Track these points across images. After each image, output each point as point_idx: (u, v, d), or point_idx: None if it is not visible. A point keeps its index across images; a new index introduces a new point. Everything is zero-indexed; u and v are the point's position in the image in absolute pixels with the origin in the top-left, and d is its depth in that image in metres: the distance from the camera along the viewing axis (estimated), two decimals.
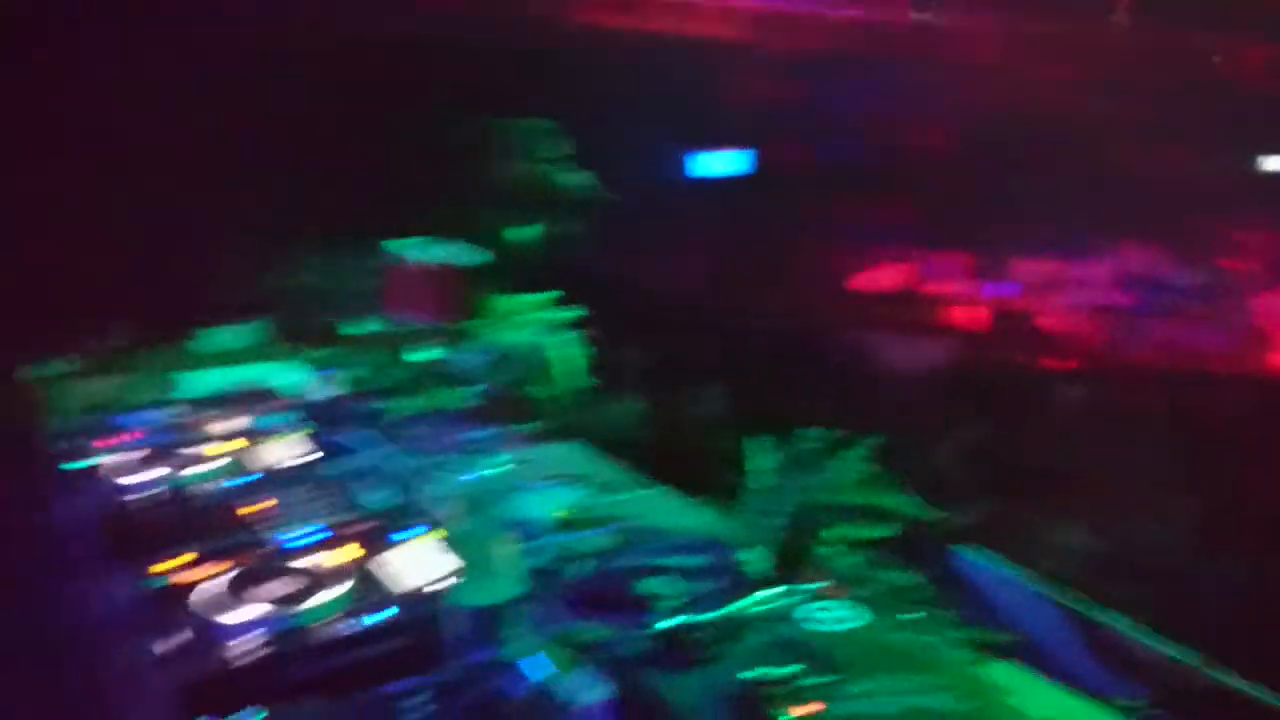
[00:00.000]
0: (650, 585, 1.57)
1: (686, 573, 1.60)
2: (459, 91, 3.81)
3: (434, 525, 1.63)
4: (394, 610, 1.41)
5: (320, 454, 2.06)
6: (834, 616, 1.38)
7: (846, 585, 1.46)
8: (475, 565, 1.35)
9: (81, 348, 3.06)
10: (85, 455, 2.03)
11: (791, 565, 1.51)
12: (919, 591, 1.50)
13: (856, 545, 1.55)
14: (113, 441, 2.11)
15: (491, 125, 3.72)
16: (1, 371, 2.91)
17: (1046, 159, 4.86)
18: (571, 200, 3.59)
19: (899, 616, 1.42)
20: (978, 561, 1.77)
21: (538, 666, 1.27)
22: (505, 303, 2.64)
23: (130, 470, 1.92)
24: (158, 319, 3.33)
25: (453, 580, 1.39)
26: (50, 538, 1.85)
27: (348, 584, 1.46)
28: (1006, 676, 1.46)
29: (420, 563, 1.54)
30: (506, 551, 1.37)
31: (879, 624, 1.38)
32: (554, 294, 2.86)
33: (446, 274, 2.46)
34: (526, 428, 2.52)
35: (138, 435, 2.16)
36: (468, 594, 1.36)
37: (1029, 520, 2.61)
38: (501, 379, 2.52)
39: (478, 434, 2.49)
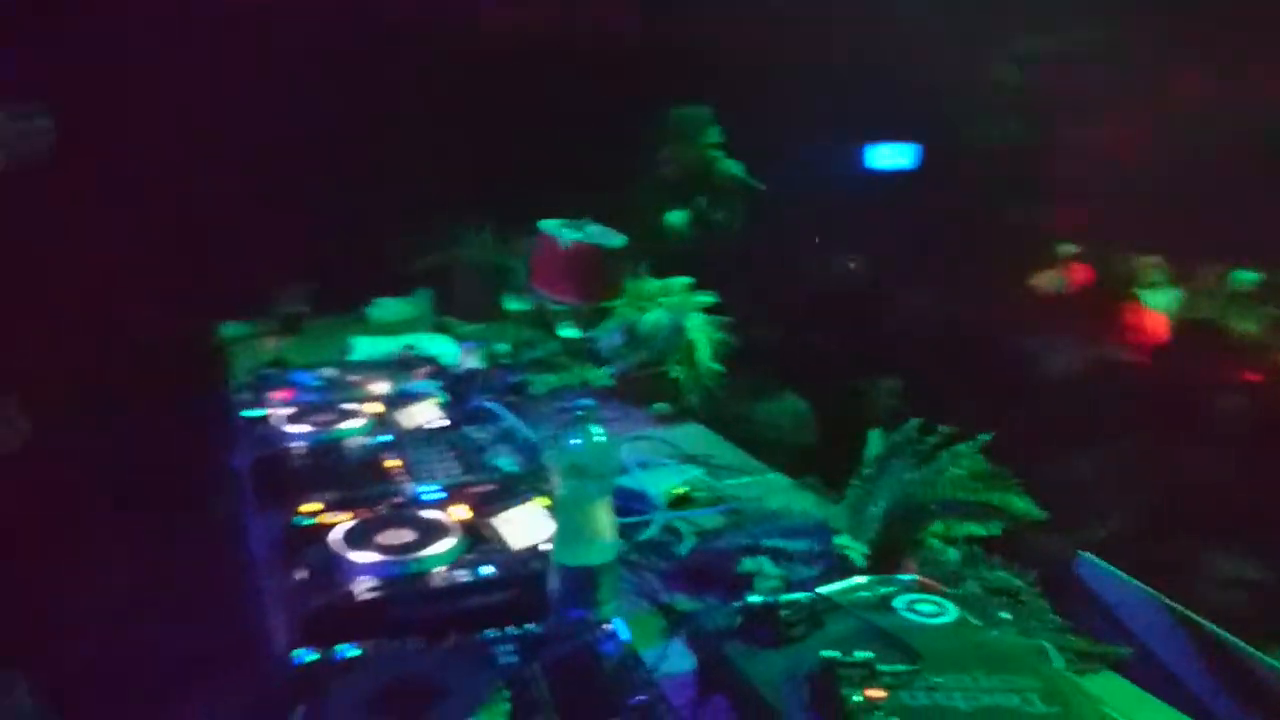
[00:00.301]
0: (749, 565, 1.60)
1: (787, 556, 1.62)
2: (622, 77, 3.91)
3: (546, 492, 1.71)
4: (497, 566, 1.50)
5: (455, 420, 2.19)
6: (925, 610, 1.37)
7: (943, 580, 1.44)
8: (576, 530, 1.42)
9: (267, 312, 3.36)
10: (259, 405, 2.24)
11: (889, 556, 1.51)
12: (1022, 594, 1.47)
13: (960, 541, 1.53)
14: (282, 395, 2.32)
15: (654, 111, 3.79)
16: (200, 329, 3.23)
17: (1244, 162, 4.52)
18: (727, 187, 3.61)
19: (996, 615, 1.39)
20: (1098, 571, 1.70)
21: (624, 630, 1.33)
22: (649, 285, 2.71)
23: (292, 421, 2.11)
24: (335, 289, 3.60)
25: (554, 542, 1.46)
26: (227, 474, 2.06)
27: (460, 539, 1.56)
28: (1108, 689, 1.41)
29: (529, 525, 1.63)
30: (606, 519, 1.43)
31: (971, 621, 1.36)
32: (696, 279, 2.91)
33: (591, 254, 2.54)
34: (658, 408, 2.59)
35: (303, 391, 2.36)
36: (566, 556, 1.43)
37: (1178, 543, 2.47)
38: (639, 359, 2.59)
39: (607, 410, 2.58)
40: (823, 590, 1.41)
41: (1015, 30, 5.42)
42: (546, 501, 1.70)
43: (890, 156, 6.20)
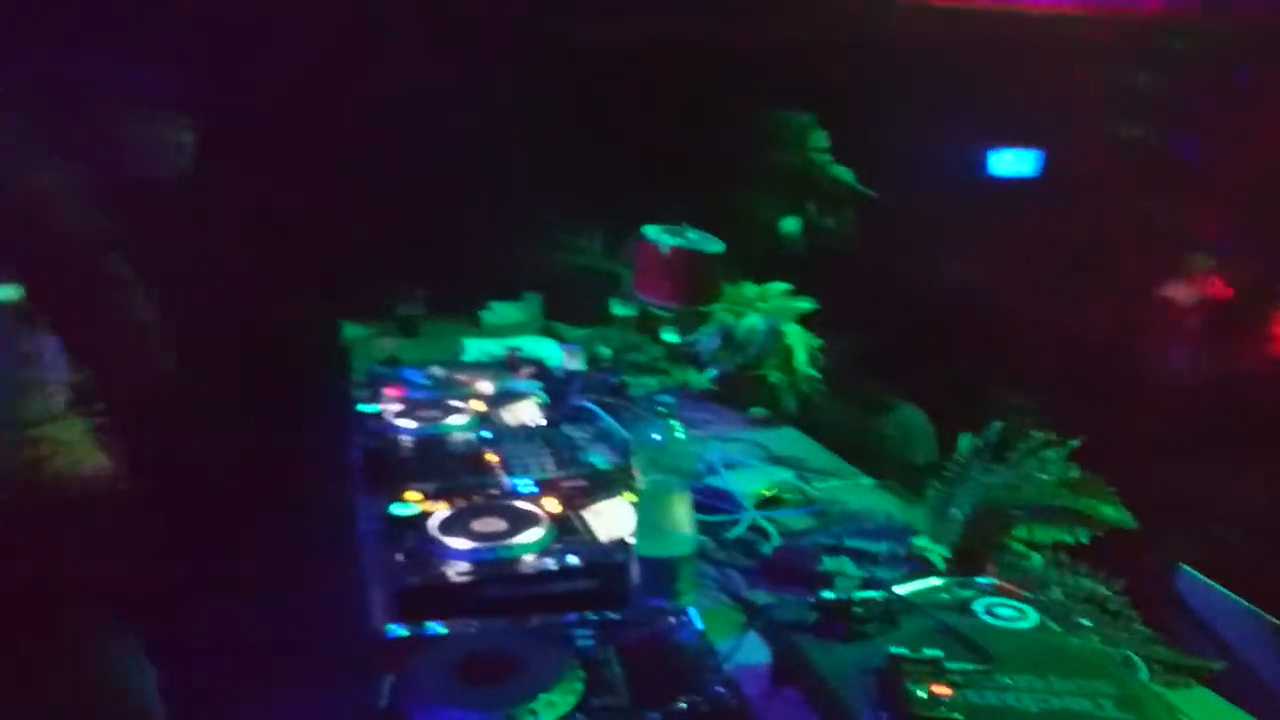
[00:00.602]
0: (831, 564, 1.62)
1: (869, 556, 1.63)
2: (733, 83, 3.94)
3: (635, 488, 1.77)
4: (581, 555, 1.56)
5: (553, 419, 2.27)
6: (1005, 614, 1.36)
7: (1026, 585, 1.43)
8: (655, 522, 1.47)
9: (387, 315, 3.53)
10: (375, 400, 2.37)
11: (970, 559, 1.50)
12: (1109, 603, 1.44)
13: (1046, 547, 1.51)
14: (394, 391, 2.45)
15: (764, 116, 3.82)
16: (327, 331, 3.42)
17: None
18: (836, 193, 3.60)
19: (1078, 622, 1.37)
20: (1199, 585, 1.65)
21: (697, 619, 1.37)
22: (746, 290, 2.74)
23: (400, 416, 2.23)
24: (452, 293, 3.76)
25: (635, 534, 1.51)
26: (344, 463, 2.19)
27: (548, 529, 1.63)
28: (1200, 703, 1.38)
29: (617, 519, 1.69)
30: (684, 513, 1.47)
31: (1051, 627, 1.35)
32: (807, 285, 2.92)
33: (689, 259, 2.59)
34: (756, 411, 2.62)
35: (413, 388, 2.48)
36: (646, 547, 1.48)
37: None
38: (735, 363, 2.62)
39: (705, 413, 2.63)
40: (900, 590, 1.42)
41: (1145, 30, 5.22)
42: (635, 497, 1.75)
43: (1012, 163, 6.04)
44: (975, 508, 1.51)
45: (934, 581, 1.44)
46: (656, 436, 1.49)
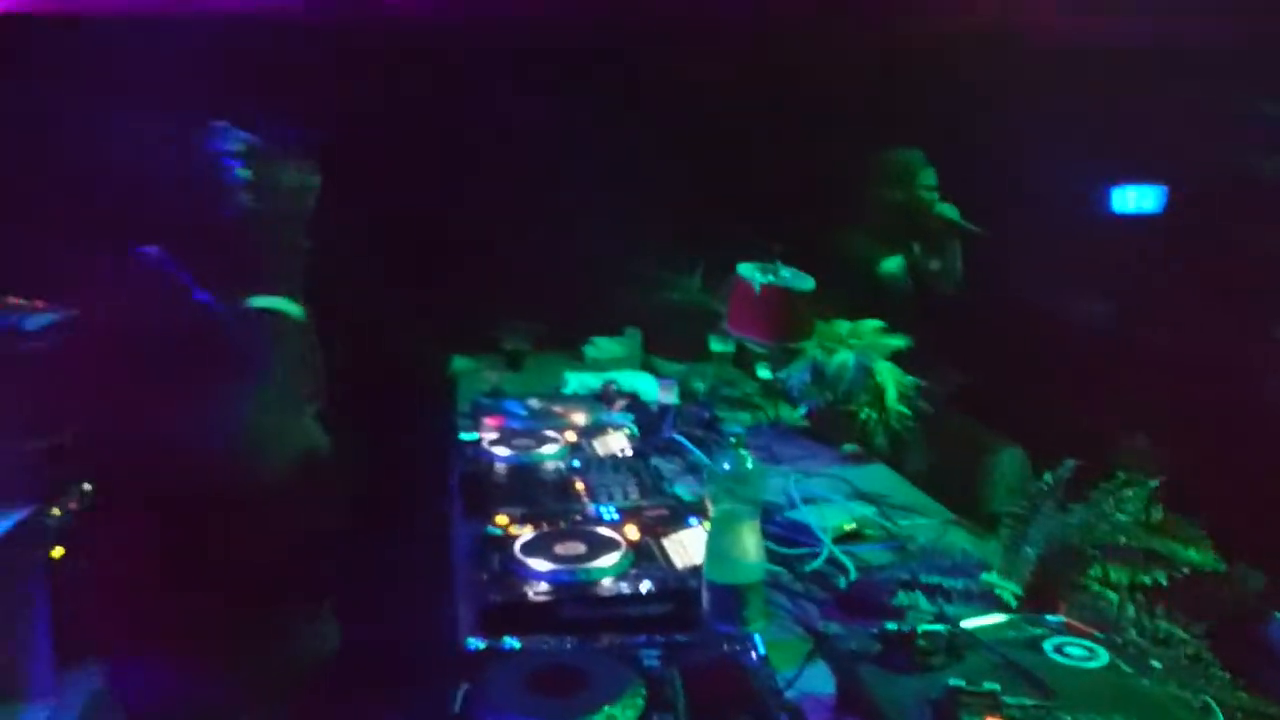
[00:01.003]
0: (904, 599, 1.63)
1: (944, 592, 1.64)
2: (840, 120, 3.97)
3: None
4: (654, 580, 1.62)
5: (643, 450, 2.34)
6: (1074, 653, 1.36)
7: (1100, 626, 1.41)
8: (725, 549, 1.52)
9: (494, 347, 3.68)
10: (475, 429, 2.49)
11: (1043, 596, 1.49)
12: (1189, 646, 1.41)
13: (1123, 588, 1.49)
14: (495, 421, 2.56)
15: (870, 152, 3.82)
16: (437, 360, 3.57)
17: None
18: (941, 231, 3.58)
19: (1152, 664, 1.35)
20: None
21: (761, 645, 1.40)
22: (839, 326, 2.76)
23: (497, 443, 2.33)
24: (557, 327, 3.89)
25: (705, 561, 1.56)
26: (446, 487, 2.30)
27: (626, 554, 1.69)
28: None
29: (694, 547, 1.74)
30: (754, 541, 1.52)
31: (1121, 668, 1.33)
32: (899, 321, 2.92)
33: (781, 296, 2.63)
34: (848, 448, 2.63)
35: (511, 418, 2.60)
36: (715, 573, 1.53)
37: None
38: (827, 399, 2.64)
39: (796, 448, 2.65)
40: (968, 625, 1.43)
41: None
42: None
43: (1135, 199, 5.85)
44: (1048, 545, 1.50)
45: (1003, 617, 1.44)
46: (727, 466, 1.54)
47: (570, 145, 4.22)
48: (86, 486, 2.97)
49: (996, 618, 1.43)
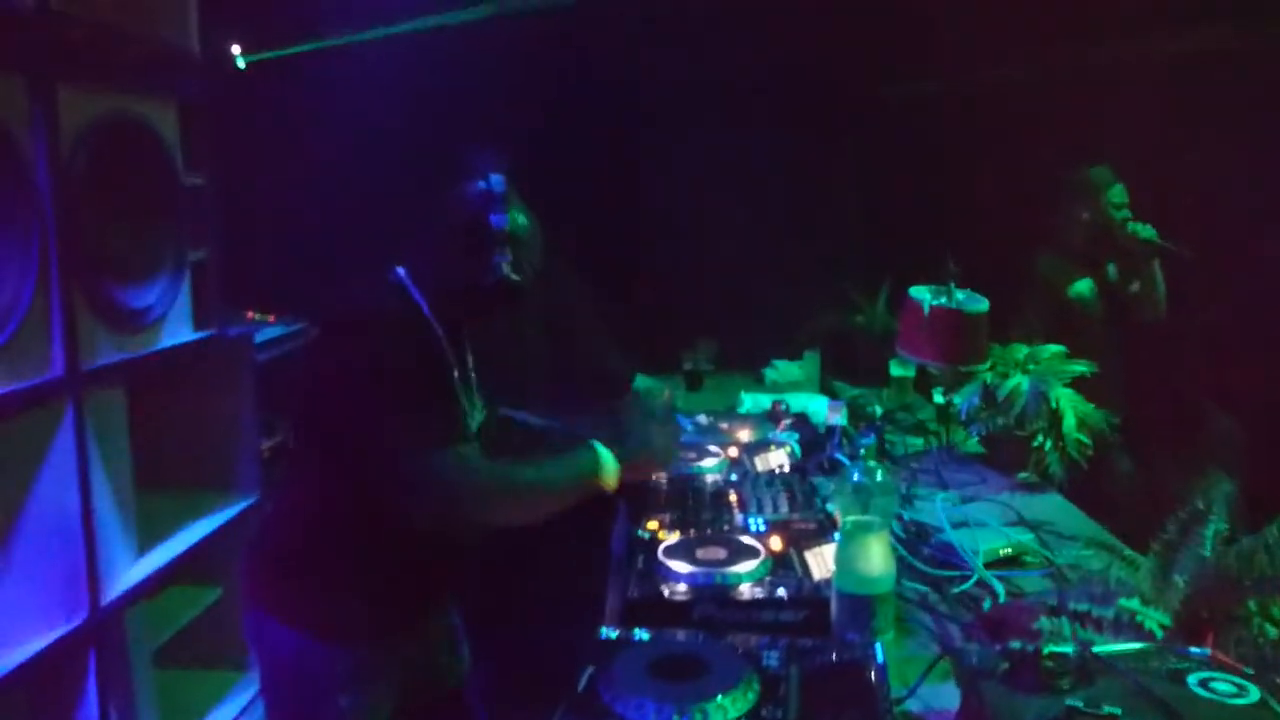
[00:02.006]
0: (1046, 624, 1.59)
1: (1091, 619, 1.58)
2: (1019, 139, 3.84)
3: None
4: (789, 587, 1.66)
5: (801, 467, 2.37)
6: (1222, 689, 1.29)
7: (1251, 661, 1.33)
8: (853, 560, 1.54)
9: (675, 366, 3.79)
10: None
11: (1193, 627, 1.42)
12: None
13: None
14: None
15: (1057, 170, 3.68)
16: (622, 379, 3.71)
17: None
18: (1136, 251, 3.39)
19: None
20: None
21: (880, 654, 1.42)
22: (1016, 351, 2.68)
23: None
24: (739, 348, 3.97)
25: (835, 571, 1.59)
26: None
27: (765, 562, 1.74)
28: None
29: (833, 559, 1.76)
30: (882, 552, 1.53)
31: (1273, 707, 1.25)
32: (1093, 345, 2.80)
33: (953, 318, 2.59)
34: (1023, 476, 2.55)
35: (680, 432, 2.69)
36: (845, 583, 1.55)
37: None
38: (999, 425, 2.58)
39: (970, 474, 2.60)
40: (1106, 650, 1.38)
41: None
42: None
43: None
44: (1199, 574, 1.43)
45: (1144, 646, 1.38)
46: (857, 478, 1.56)
47: (758, 169, 4.31)
48: None
49: (1140, 646, 1.38)
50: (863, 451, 1.60)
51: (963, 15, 3.87)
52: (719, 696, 1.30)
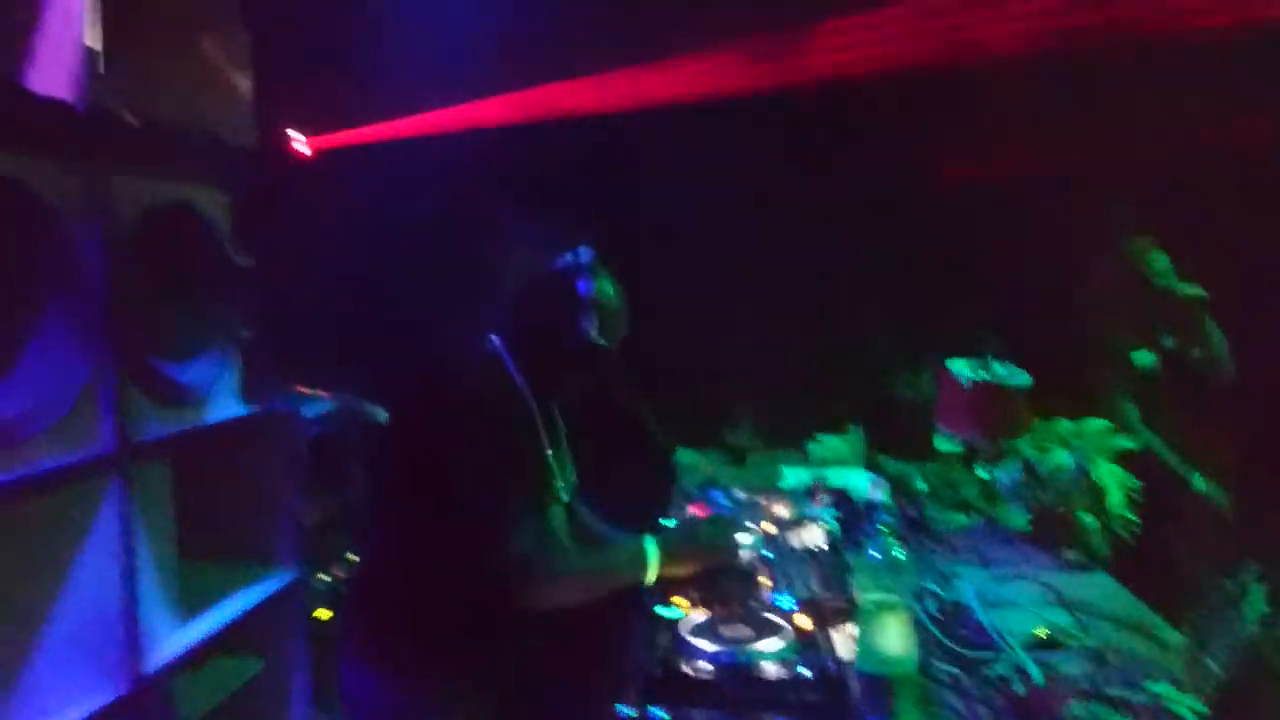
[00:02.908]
0: (1078, 709, 1.54)
1: (1128, 705, 1.53)
2: (1065, 213, 3.83)
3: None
4: (813, 668, 1.64)
5: (837, 545, 2.34)
6: None
7: None
8: (874, 639, 1.52)
9: (716, 440, 3.79)
10: (678, 516, 2.61)
11: (1233, 713, 1.36)
12: None
13: None
14: (696, 509, 2.67)
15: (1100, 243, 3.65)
16: (664, 451, 3.71)
17: None
18: (1189, 314, 3.32)
19: None
20: None
21: None
22: (1060, 425, 2.64)
23: None
24: (783, 424, 3.95)
25: (856, 651, 1.56)
26: None
27: (790, 642, 1.72)
28: None
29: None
30: (903, 632, 1.50)
31: None
32: (1108, 422, 2.73)
33: (992, 392, 2.57)
34: (1069, 554, 2.48)
35: (715, 507, 2.69)
36: (866, 663, 1.52)
37: None
38: (1040, 501, 2.52)
39: (1013, 552, 2.53)
40: None
41: None
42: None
43: None
44: (1232, 658, 1.37)
45: None
46: (876, 554, 1.55)
47: (806, 245, 4.34)
48: (352, 556, 3.37)
49: None
50: (882, 529, 1.57)
51: (1001, 106, 3.93)
52: None
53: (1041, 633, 1.92)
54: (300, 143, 4.26)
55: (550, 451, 1.95)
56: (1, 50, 1.83)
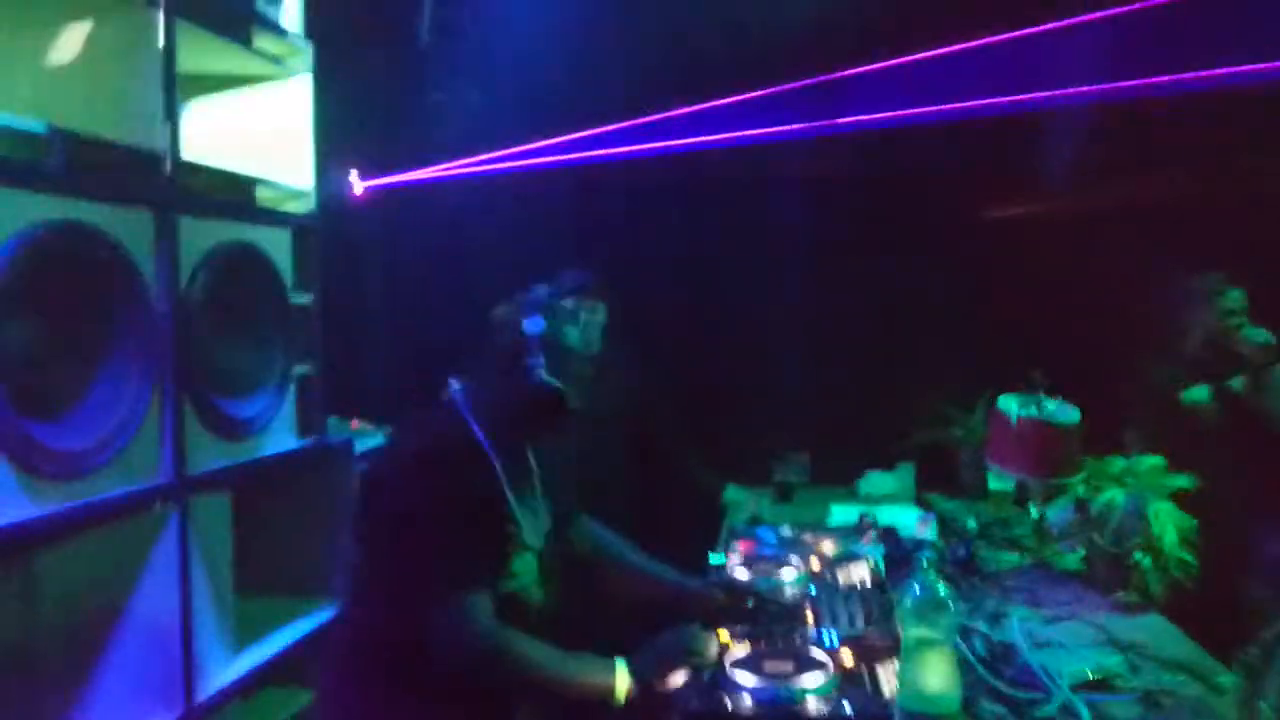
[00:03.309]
0: None
1: None
2: (1130, 248, 3.77)
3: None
4: (854, 704, 1.63)
5: (882, 582, 2.32)
6: None
7: None
8: (917, 676, 1.50)
9: (766, 478, 3.77)
10: (725, 553, 2.61)
11: None
12: None
13: None
14: (746, 545, 2.67)
15: (1166, 280, 3.60)
16: (715, 489, 3.69)
17: None
18: (1256, 359, 3.25)
19: None
20: None
21: None
22: (1116, 465, 2.59)
23: (741, 567, 2.43)
24: (833, 461, 3.92)
25: (898, 688, 1.55)
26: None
27: (832, 678, 1.71)
28: None
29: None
30: (946, 669, 1.49)
31: None
32: (1199, 456, 2.68)
33: (1042, 430, 2.54)
34: (1124, 596, 2.43)
35: (761, 544, 2.68)
36: (909, 701, 1.51)
37: None
38: (1093, 541, 2.48)
39: (1065, 592, 2.49)
40: None
41: None
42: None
43: None
44: None
45: None
46: (918, 589, 1.54)
47: (855, 284, 4.34)
48: None
49: None
50: (925, 564, 1.57)
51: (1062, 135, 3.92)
52: None
53: (1091, 674, 1.88)
54: (355, 183, 4.39)
55: (514, 498, 1.85)
56: (84, 102, 1.94)
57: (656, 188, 4.39)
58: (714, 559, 2.57)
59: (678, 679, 1.75)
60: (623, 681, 1.73)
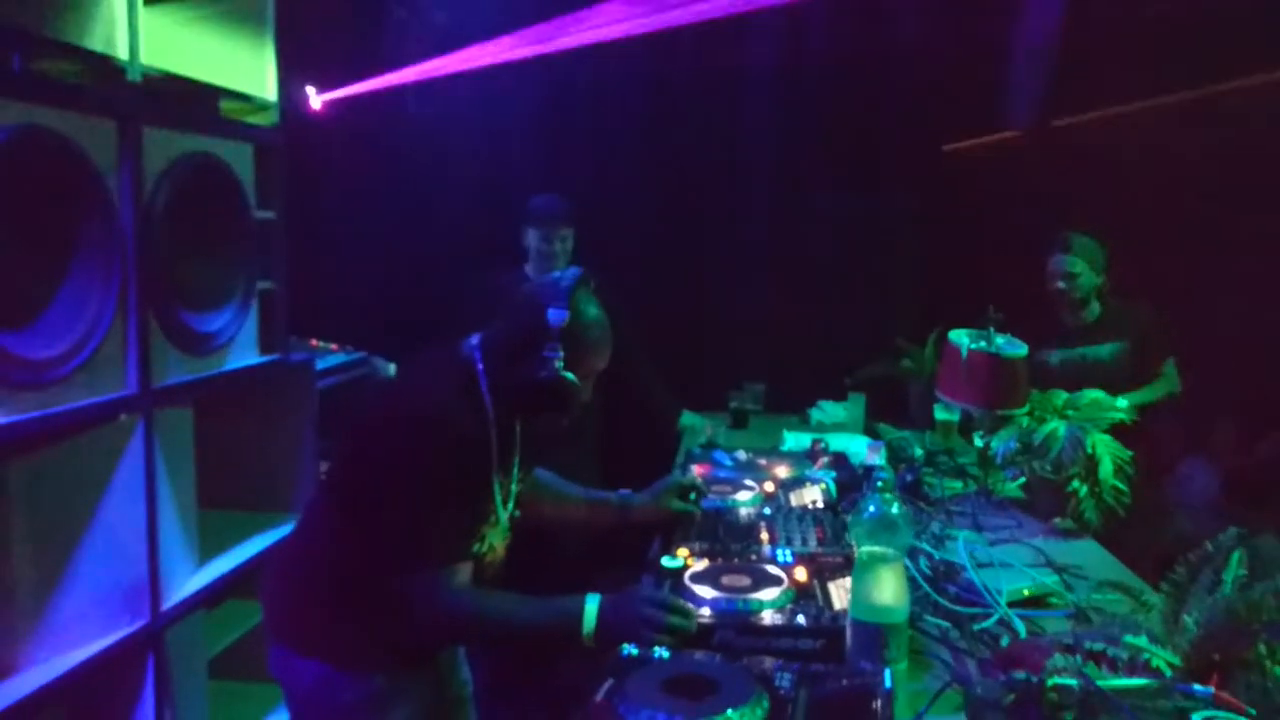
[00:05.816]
0: (1060, 660, 1.61)
1: (1106, 659, 1.60)
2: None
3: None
4: (808, 616, 1.71)
5: (833, 505, 2.41)
6: None
7: (1253, 702, 1.35)
8: (868, 590, 1.59)
9: (722, 405, 3.85)
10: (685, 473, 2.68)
11: (1204, 669, 1.44)
12: None
13: None
14: (702, 469, 2.74)
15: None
16: (670, 417, 3.77)
17: None
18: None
19: None
20: None
21: (888, 681, 1.46)
22: (1059, 397, 2.70)
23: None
24: (786, 390, 4.01)
25: (850, 600, 1.64)
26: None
27: (786, 591, 1.80)
28: None
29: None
30: (896, 583, 1.58)
31: None
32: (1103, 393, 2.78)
33: (990, 363, 2.63)
34: (1060, 523, 2.56)
35: (718, 468, 2.76)
36: (859, 612, 1.60)
37: None
38: (1034, 470, 2.59)
39: (1007, 518, 2.60)
40: (1112, 685, 1.41)
41: None
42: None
43: None
44: (1208, 616, 1.45)
45: (1148, 682, 1.41)
46: (872, 509, 1.62)
47: (815, 216, 4.39)
48: None
49: (1142, 682, 1.41)
50: (879, 484, 1.64)
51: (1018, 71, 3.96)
52: (729, 711, 1.36)
53: (1027, 591, 1.99)
54: (312, 96, 4.30)
55: (498, 472, 1.87)
56: (46, 8, 1.89)
57: (621, 81, 4.36)
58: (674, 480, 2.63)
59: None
60: (590, 623, 1.72)
